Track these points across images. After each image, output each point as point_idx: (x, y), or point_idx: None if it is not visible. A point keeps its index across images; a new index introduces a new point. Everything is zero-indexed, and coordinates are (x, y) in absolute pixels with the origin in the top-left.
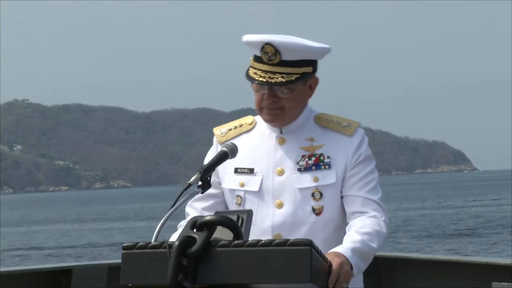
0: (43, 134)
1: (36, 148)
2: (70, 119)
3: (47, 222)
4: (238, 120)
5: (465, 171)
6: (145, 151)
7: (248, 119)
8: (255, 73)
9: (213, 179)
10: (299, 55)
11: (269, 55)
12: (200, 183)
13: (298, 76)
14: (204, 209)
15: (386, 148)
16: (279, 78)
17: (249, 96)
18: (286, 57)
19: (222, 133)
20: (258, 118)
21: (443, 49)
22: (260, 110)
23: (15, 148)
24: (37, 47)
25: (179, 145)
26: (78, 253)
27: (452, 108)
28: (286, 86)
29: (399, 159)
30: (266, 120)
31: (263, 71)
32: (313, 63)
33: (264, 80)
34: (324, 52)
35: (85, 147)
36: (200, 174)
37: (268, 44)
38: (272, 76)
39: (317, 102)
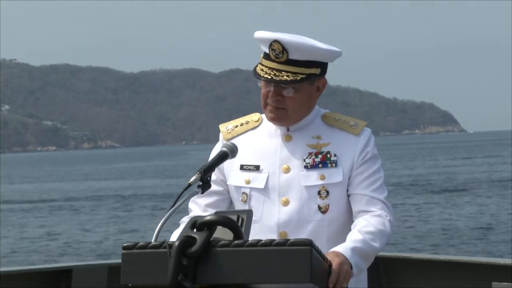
0: (31, 94)
1: (24, 108)
2: (58, 79)
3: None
4: (245, 117)
5: (448, 133)
6: (133, 112)
7: (255, 116)
8: (261, 69)
9: (217, 176)
10: (306, 56)
11: (277, 52)
12: (200, 183)
13: (304, 76)
14: (207, 205)
15: (374, 109)
16: (284, 77)
17: (237, 57)
18: (293, 56)
19: (228, 129)
20: (265, 116)
21: (432, 11)
22: (264, 106)
23: (2, 108)
24: (25, 7)
25: (167, 106)
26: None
27: (440, 70)
28: (291, 85)
29: (387, 120)
30: (269, 118)
31: (269, 68)
32: (321, 65)
33: (269, 77)
34: (334, 55)
35: (73, 108)
36: (200, 174)
37: (276, 41)
38: (277, 74)
39: None
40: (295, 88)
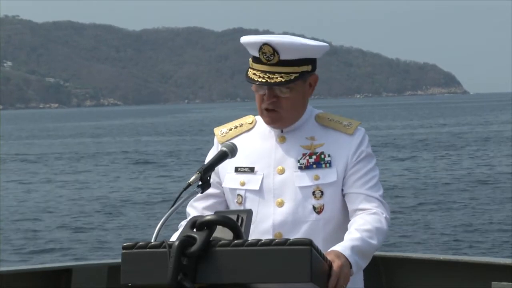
0: (33, 50)
1: (26, 64)
2: (61, 36)
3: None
4: (239, 120)
5: (437, 95)
6: (136, 70)
7: (249, 118)
8: (254, 74)
9: (213, 179)
10: (297, 54)
11: (268, 55)
12: (199, 182)
13: (297, 75)
14: (205, 208)
15: (377, 69)
16: (278, 78)
17: (240, 16)
18: (284, 56)
19: (223, 133)
20: (259, 118)
21: None
22: (260, 111)
23: (5, 65)
24: None
25: (169, 64)
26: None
27: (444, 31)
28: (285, 86)
29: (389, 81)
30: (267, 122)
31: (262, 71)
32: (312, 62)
33: (264, 80)
34: (322, 50)
35: (75, 65)
36: (199, 173)
37: (266, 44)
38: (271, 76)
39: (309, 26)
40: (290, 87)
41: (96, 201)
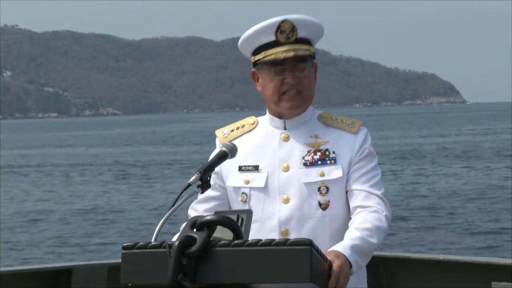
0: (33, 60)
1: (26, 74)
2: (60, 46)
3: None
4: (240, 121)
5: (436, 104)
6: (135, 79)
7: (250, 119)
8: (275, 54)
9: (215, 181)
10: (310, 31)
11: (287, 32)
12: (199, 183)
13: (311, 52)
14: (206, 211)
15: (376, 79)
16: (302, 52)
17: (239, 26)
18: (301, 33)
19: (224, 134)
20: (260, 118)
21: None
22: (278, 98)
23: (4, 74)
24: None
25: (168, 74)
26: None
27: (443, 40)
28: (306, 63)
29: (388, 90)
30: (289, 107)
31: (283, 51)
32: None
33: (292, 53)
34: (323, 32)
35: (74, 74)
36: (199, 174)
37: (285, 21)
38: (295, 51)
39: None
40: (306, 67)
41: (95, 205)
